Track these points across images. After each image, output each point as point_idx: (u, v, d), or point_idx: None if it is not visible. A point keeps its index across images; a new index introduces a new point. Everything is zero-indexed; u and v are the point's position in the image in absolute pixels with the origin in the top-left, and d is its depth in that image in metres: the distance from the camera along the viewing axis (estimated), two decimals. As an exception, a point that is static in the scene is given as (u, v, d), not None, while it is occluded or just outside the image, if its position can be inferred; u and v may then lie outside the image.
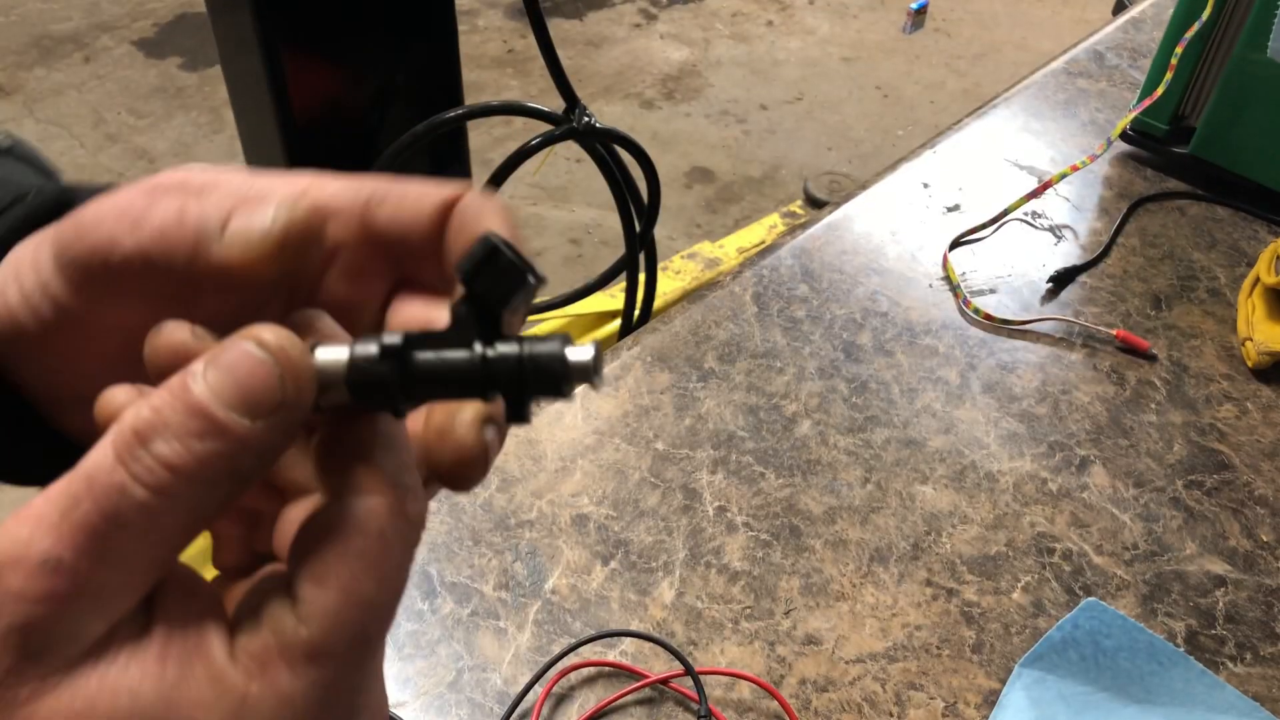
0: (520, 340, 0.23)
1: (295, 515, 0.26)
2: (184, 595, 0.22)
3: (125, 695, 0.20)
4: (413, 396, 0.23)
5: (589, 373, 0.22)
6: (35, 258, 0.25)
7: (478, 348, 0.23)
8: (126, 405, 0.22)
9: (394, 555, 0.22)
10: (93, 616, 0.20)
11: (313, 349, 0.23)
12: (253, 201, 0.24)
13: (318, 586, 0.21)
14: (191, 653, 0.21)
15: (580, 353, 0.23)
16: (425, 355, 0.23)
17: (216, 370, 0.21)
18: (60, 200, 0.28)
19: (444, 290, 0.27)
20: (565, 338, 0.23)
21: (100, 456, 0.20)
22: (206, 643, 0.21)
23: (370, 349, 0.23)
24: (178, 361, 0.22)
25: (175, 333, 0.23)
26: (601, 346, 0.23)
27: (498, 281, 0.23)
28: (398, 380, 0.23)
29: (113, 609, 0.20)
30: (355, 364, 0.23)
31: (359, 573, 0.22)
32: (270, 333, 0.21)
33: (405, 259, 0.26)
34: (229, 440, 0.20)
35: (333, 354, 0.23)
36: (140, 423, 0.20)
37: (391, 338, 0.23)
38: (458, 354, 0.23)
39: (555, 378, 0.22)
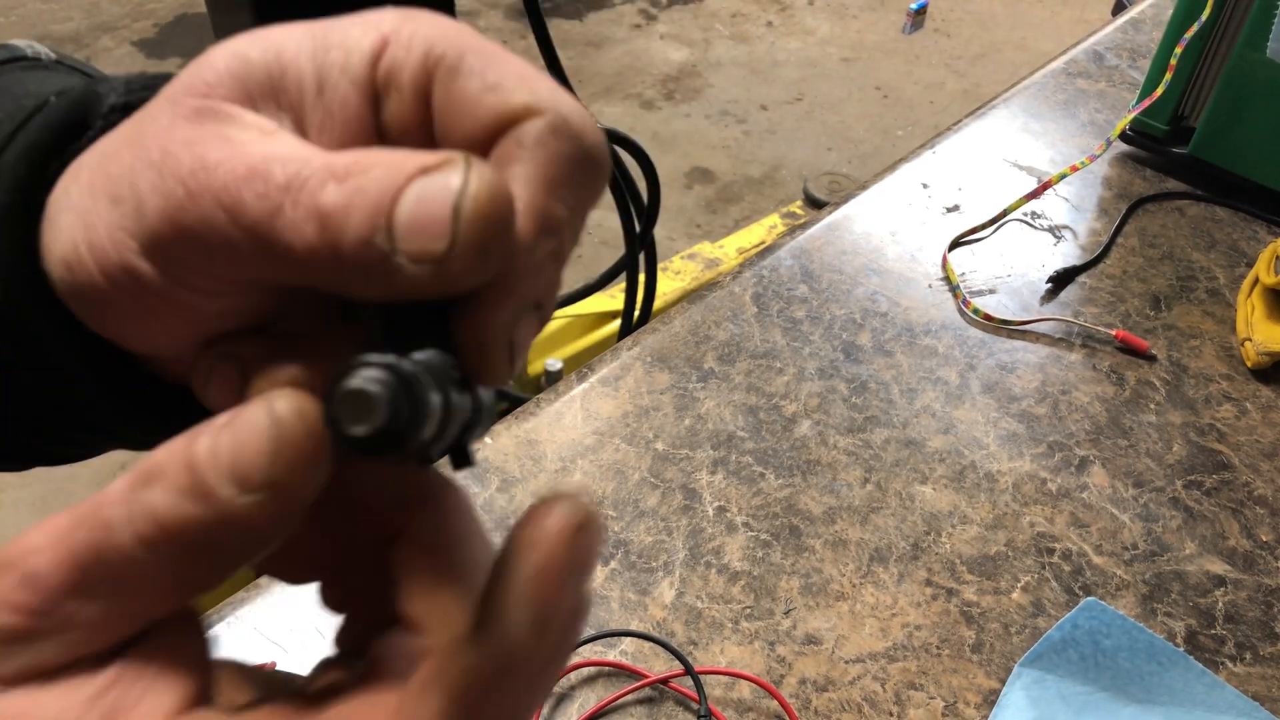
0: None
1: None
2: (157, 645, 0.20)
3: None
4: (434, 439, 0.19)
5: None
6: (110, 234, 0.21)
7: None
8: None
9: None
10: (52, 644, 0.18)
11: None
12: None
13: None
14: (122, 709, 0.18)
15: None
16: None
17: (228, 430, 0.18)
18: (86, 98, 0.24)
19: None
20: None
21: (115, 485, 0.19)
22: (145, 705, 0.19)
23: (373, 379, 0.19)
24: None
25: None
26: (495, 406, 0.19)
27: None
28: (410, 413, 0.19)
29: (74, 645, 0.19)
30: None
31: None
32: (284, 401, 0.19)
33: None
34: (211, 508, 0.18)
35: None
36: (151, 463, 0.18)
37: (380, 357, 0.19)
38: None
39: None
